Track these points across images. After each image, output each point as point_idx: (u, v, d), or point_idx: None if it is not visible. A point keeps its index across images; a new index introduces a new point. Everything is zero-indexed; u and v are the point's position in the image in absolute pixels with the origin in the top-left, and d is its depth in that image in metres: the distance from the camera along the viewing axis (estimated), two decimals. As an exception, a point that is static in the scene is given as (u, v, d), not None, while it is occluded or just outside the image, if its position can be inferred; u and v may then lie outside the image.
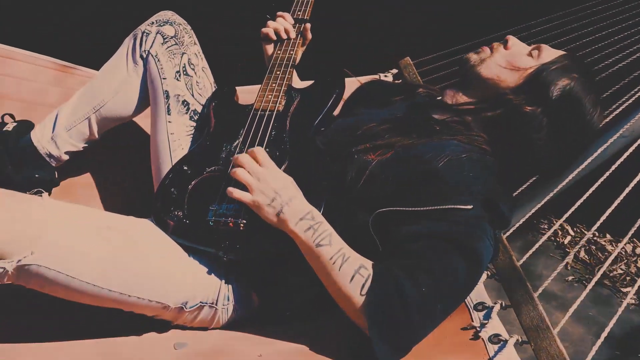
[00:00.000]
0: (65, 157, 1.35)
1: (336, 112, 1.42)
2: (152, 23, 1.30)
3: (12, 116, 1.39)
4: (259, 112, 1.20)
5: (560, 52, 1.16)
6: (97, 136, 1.35)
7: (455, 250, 0.93)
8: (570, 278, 1.92)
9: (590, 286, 1.09)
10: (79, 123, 1.32)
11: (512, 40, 1.17)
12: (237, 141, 1.16)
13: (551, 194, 1.14)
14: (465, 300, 1.01)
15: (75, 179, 1.45)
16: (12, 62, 1.54)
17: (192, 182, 1.10)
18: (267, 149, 1.13)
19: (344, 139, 1.15)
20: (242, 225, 1.02)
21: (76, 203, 1.39)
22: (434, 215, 0.96)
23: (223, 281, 1.06)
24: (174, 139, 1.26)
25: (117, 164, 1.49)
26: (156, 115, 1.28)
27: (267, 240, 1.02)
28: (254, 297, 1.09)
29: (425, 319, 0.91)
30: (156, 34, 1.28)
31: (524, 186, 1.19)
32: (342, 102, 1.42)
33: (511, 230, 1.11)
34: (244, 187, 1.01)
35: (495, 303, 0.99)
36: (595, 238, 2.15)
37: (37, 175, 1.32)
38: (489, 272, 1.07)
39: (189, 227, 1.05)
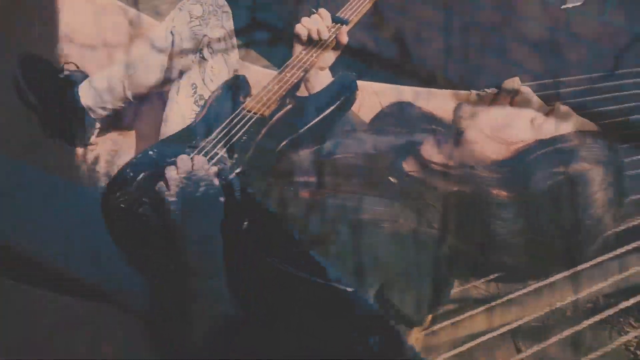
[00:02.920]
0: (105, 113, 1.43)
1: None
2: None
3: (76, 65, 1.52)
4: (243, 111, 1.13)
5: (584, 126, 0.85)
6: (132, 99, 1.40)
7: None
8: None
9: None
10: (114, 84, 1.39)
11: (525, 94, 0.89)
12: (210, 137, 1.11)
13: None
14: None
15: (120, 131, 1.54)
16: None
17: (145, 173, 1.09)
18: (228, 153, 1.06)
19: (310, 164, 1.03)
20: None
21: (118, 151, 1.53)
22: (310, 286, 0.81)
23: None
24: (176, 121, 1.26)
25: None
26: (170, 92, 1.29)
27: None
28: None
29: None
30: (186, 12, 1.26)
31: (483, 280, 0.93)
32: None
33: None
34: None
35: None
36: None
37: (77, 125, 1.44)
38: None
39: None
